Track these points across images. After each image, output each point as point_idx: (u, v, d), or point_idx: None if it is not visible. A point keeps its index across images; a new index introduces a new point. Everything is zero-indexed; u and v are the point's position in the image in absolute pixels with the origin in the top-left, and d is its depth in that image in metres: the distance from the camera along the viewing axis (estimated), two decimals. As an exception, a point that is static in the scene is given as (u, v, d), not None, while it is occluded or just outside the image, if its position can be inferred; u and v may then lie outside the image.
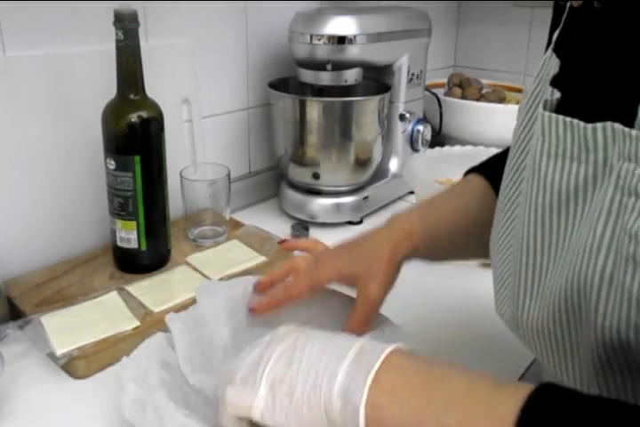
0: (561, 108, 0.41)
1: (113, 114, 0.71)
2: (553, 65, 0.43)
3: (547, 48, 0.55)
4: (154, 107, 0.73)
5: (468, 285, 0.79)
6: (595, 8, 0.40)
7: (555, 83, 0.42)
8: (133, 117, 0.70)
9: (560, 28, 0.45)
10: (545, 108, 0.41)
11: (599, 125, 0.36)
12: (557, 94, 0.41)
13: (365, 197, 1.00)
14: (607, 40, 0.39)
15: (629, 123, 0.34)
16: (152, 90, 0.73)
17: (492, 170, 0.60)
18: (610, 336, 0.35)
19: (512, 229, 0.46)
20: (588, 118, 0.37)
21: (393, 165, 1.08)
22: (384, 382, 0.36)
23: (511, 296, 0.45)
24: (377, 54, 0.96)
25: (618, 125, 0.35)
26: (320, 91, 0.95)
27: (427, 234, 0.56)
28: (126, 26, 0.67)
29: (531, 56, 1.45)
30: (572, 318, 0.38)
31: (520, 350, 0.66)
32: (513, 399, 0.32)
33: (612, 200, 0.35)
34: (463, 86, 1.34)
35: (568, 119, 0.38)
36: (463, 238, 0.58)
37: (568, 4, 0.43)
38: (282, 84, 0.99)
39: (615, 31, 0.38)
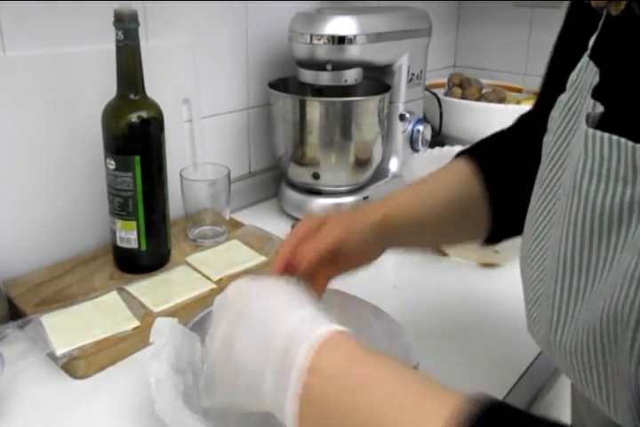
0: (604, 122, 0.39)
1: (113, 114, 0.71)
2: (591, 74, 0.41)
3: (559, 48, 0.54)
4: (154, 107, 0.73)
5: (468, 284, 0.79)
6: (637, 16, 0.38)
7: (597, 95, 0.40)
8: (133, 117, 0.70)
9: (597, 33, 0.43)
10: (587, 124, 0.39)
11: None
12: (600, 108, 0.39)
13: (365, 197, 1.00)
14: None
15: None
16: (152, 90, 0.73)
17: (479, 153, 0.61)
18: None
19: (545, 248, 0.44)
20: (634, 135, 0.35)
21: (393, 165, 1.08)
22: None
23: (545, 317, 0.43)
24: (377, 54, 0.96)
25: None
26: (320, 91, 0.95)
27: (408, 208, 0.57)
28: (126, 26, 0.67)
29: (531, 56, 1.45)
30: (607, 345, 0.36)
31: (520, 351, 0.66)
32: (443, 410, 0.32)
33: None
34: (463, 86, 1.34)
35: (614, 137, 0.35)
36: (442, 216, 0.58)
37: (605, 11, 0.41)
38: (282, 84, 0.99)
39: None
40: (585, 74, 0.42)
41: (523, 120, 0.63)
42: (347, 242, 0.52)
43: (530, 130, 0.59)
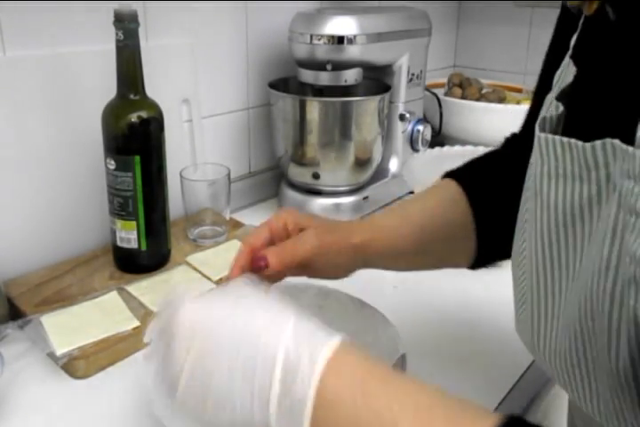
0: (565, 123, 0.39)
1: (113, 114, 0.71)
2: (569, 73, 0.41)
3: (550, 49, 0.54)
4: (154, 107, 0.73)
5: (468, 284, 0.79)
6: (609, 18, 0.38)
7: (561, 96, 0.41)
8: (133, 117, 0.70)
9: (577, 33, 0.43)
10: (541, 127, 0.40)
11: (598, 143, 0.34)
12: (561, 108, 0.40)
13: (365, 197, 1.00)
14: (618, 53, 0.38)
15: (630, 140, 0.32)
16: (152, 90, 0.73)
17: (465, 174, 0.60)
18: (623, 361, 0.33)
19: (524, 250, 0.45)
20: (588, 135, 0.35)
21: (393, 165, 1.08)
22: None
23: (528, 318, 0.43)
24: (377, 54, 0.96)
25: (617, 142, 0.33)
26: (320, 91, 0.95)
27: (388, 235, 0.56)
28: (126, 26, 0.67)
29: (531, 56, 1.45)
30: (588, 341, 0.36)
31: (519, 352, 0.66)
32: None
33: (615, 219, 0.33)
34: (463, 86, 1.34)
35: (565, 140, 0.36)
36: (426, 242, 0.56)
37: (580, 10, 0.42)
38: (282, 84, 0.99)
39: (627, 44, 0.37)
40: (565, 73, 0.42)
41: (510, 141, 0.63)
42: (320, 257, 0.51)
43: (518, 151, 0.59)
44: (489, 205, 0.57)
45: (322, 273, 0.54)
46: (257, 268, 0.49)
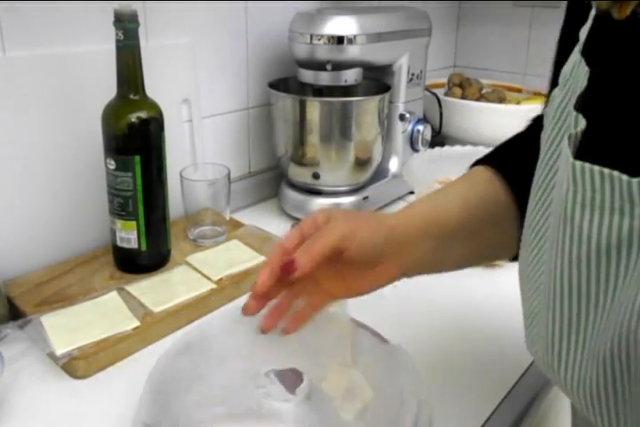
0: (588, 137, 0.36)
1: (113, 114, 0.71)
2: (582, 74, 0.37)
3: (561, 44, 0.51)
4: (154, 107, 0.73)
5: (469, 284, 0.79)
6: (634, 20, 0.34)
7: (580, 104, 0.37)
8: (133, 117, 0.70)
9: (589, 28, 0.39)
10: (570, 147, 0.35)
11: None
12: (583, 123, 0.36)
13: (365, 197, 1.00)
14: None
15: None
16: (152, 90, 0.73)
17: (495, 158, 0.56)
18: None
19: (541, 261, 0.42)
20: (615, 152, 0.32)
21: (393, 165, 1.08)
22: None
23: (544, 339, 0.41)
24: (377, 54, 0.96)
25: None
26: (320, 91, 0.95)
27: (430, 209, 0.52)
28: (126, 26, 0.67)
29: (531, 56, 1.45)
30: (619, 375, 0.34)
31: (519, 352, 0.66)
32: None
33: None
34: (463, 86, 1.34)
35: (606, 171, 0.32)
36: (461, 230, 0.52)
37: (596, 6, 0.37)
38: (282, 84, 0.99)
39: None
40: (577, 72, 0.38)
41: (533, 124, 0.59)
42: (351, 242, 0.47)
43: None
44: (526, 184, 0.52)
45: (358, 273, 0.50)
46: (286, 272, 0.46)
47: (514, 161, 0.55)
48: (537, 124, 0.59)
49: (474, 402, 0.59)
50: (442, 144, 1.12)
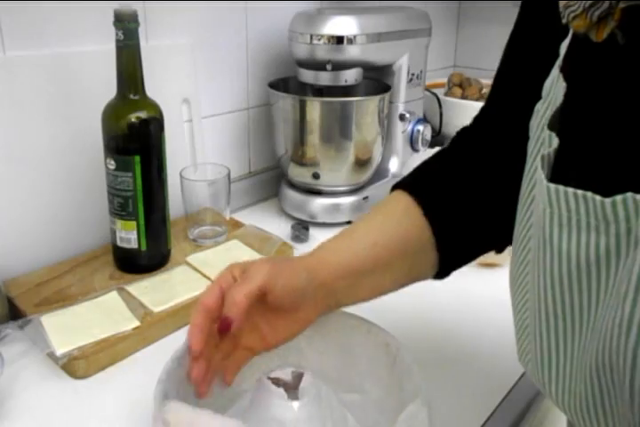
0: (562, 155, 0.36)
1: (113, 114, 0.71)
2: (559, 90, 0.38)
3: (510, 43, 0.50)
4: (154, 107, 0.73)
5: (467, 284, 0.79)
6: (617, 43, 0.35)
7: (557, 121, 0.37)
8: (133, 117, 0.70)
9: (567, 45, 0.40)
10: (543, 168, 0.36)
11: (619, 199, 0.32)
12: (555, 142, 0.37)
13: (365, 197, 1.00)
14: (623, 79, 0.35)
15: None
16: (152, 90, 0.73)
17: (414, 183, 0.57)
18: None
19: (527, 275, 0.43)
20: (588, 170, 0.33)
21: (393, 165, 1.08)
22: None
23: (533, 353, 0.42)
24: (377, 54, 0.96)
25: None
26: (320, 91, 0.95)
27: (343, 250, 0.53)
28: (126, 26, 0.67)
29: (531, 56, 1.45)
30: (606, 388, 0.35)
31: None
32: None
33: (639, 276, 0.31)
34: (463, 86, 1.34)
35: (580, 192, 0.33)
36: (384, 255, 0.53)
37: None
38: (282, 84, 0.99)
39: (635, 71, 0.34)
40: (556, 87, 0.39)
41: (460, 136, 0.60)
42: (276, 280, 0.47)
43: (469, 146, 0.57)
44: (444, 211, 0.54)
45: (285, 302, 0.49)
46: (224, 331, 0.46)
47: (433, 187, 0.56)
48: (460, 138, 0.59)
49: (473, 402, 0.59)
50: (442, 144, 1.12)
